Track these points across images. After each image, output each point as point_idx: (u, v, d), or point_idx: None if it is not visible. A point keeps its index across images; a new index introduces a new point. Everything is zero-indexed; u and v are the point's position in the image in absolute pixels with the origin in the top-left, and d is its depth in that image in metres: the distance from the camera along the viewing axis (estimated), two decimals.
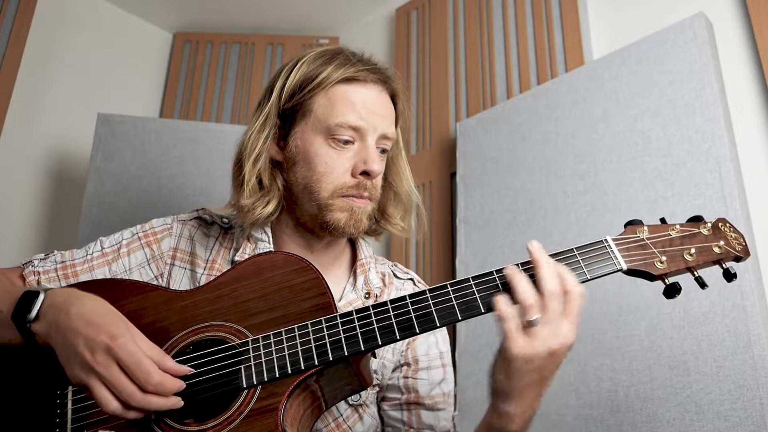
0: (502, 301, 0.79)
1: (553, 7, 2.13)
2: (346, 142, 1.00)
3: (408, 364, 1.08)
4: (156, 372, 0.79)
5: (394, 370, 1.08)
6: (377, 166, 1.00)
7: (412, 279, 1.17)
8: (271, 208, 1.04)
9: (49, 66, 2.53)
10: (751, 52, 1.68)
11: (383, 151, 1.04)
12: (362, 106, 0.99)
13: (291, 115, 1.03)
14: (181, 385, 0.81)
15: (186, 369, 0.84)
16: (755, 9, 1.67)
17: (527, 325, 0.77)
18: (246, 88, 2.83)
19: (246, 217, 1.05)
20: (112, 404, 0.77)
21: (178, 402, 0.80)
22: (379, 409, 1.09)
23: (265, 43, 2.92)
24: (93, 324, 0.80)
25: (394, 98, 1.07)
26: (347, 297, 1.07)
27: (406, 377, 1.08)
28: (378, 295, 1.10)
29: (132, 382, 0.77)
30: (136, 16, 2.91)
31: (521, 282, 0.79)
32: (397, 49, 2.65)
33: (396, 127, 1.08)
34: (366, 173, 1.00)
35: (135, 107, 2.78)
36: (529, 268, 0.82)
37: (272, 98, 1.04)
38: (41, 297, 0.86)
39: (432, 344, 1.11)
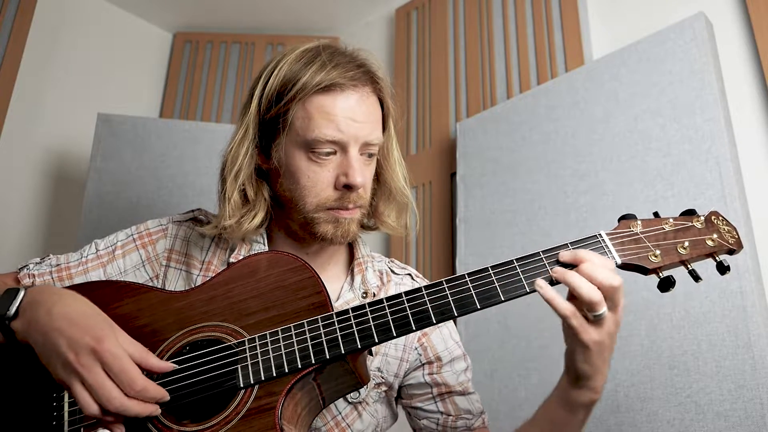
0: (558, 298, 0.82)
1: (553, 7, 2.13)
2: (328, 154, 0.97)
3: (430, 362, 1.08)
4: (140, 378, 0.78)
5: (415, 370, 1.08)
6: (360, 178, 0.96)
7: (410, 274, 1.17)
8: (258, 220, 1.03)
9: (49, 66, 2.53)
10: (751, 52, 1.68)
11: (370, 155, 1.01)
12: (341, 117, 0.95)
13: (272, 125, 1.00)
14: (164, 395, 0.80)
15: (169, 365, 0.83)
16: (755, 9, 1.66)
17: (593, 319, 0.81)
18: (246, 88, 2.83)
19: (233, 234, 1.04)
20: (92, 407, 0.76)
21: (156, 410, 0.80)
22: (404, 406, 1.10)
23: (265, 43, 2.92)
24: (77, 325, 0.79)
25: (380, 96, 1.03)
26: (345, 297, 1.07)
27: (431, 374, 1.07)
28: (375, 294, 1.09)
29: (115, 386, 0.76)
30: (136, 16, 2.91)
31: (583, 282, 0.80)
32: (397, 49, 2.65)
33: (384, 126, 1.06)
34: (348, 186, 0.97)
35: (135, 107, 2.78)
36: (560, 262, 0.85)
37: (251, 108, 1.02)
38: (21, 294, 0.85)
39: (447, 337, 1.11)
